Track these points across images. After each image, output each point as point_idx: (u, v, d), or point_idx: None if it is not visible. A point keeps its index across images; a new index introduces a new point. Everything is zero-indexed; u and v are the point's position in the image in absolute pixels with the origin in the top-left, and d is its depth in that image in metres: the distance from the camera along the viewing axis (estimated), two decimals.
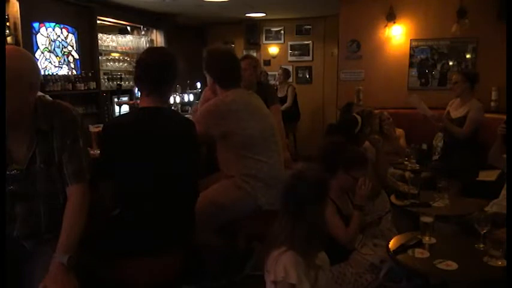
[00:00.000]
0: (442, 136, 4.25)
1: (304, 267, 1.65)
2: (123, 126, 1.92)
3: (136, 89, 2.05)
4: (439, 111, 4.36)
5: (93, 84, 5.30)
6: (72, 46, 5.21)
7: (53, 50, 4.90)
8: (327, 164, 2.32)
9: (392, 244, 2.26)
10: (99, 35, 5.62)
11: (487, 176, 3.69)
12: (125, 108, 4.82)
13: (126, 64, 6.24)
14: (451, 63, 5.34)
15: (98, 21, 5.54)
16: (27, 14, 4.41)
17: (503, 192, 2.87)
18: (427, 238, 2.27)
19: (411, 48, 5.48)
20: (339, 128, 3.43)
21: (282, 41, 7.98)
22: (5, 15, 4.19)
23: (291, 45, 7.92)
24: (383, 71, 5.61)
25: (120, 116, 2.10)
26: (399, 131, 4.67)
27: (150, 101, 1.93)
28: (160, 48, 2.41)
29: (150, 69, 1.91)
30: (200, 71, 2.55)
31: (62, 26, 5.03)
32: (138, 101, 2.18)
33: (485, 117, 4.27)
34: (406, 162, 4.00)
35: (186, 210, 1.98)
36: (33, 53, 4.52)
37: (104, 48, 5.86)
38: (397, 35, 5.48)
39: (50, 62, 4.88)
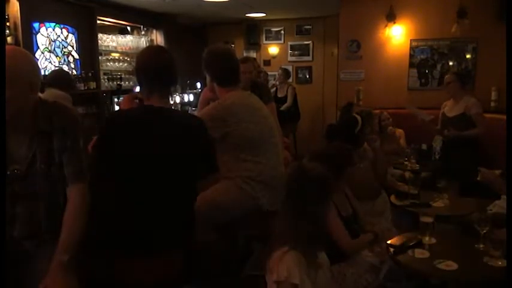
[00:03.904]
0: (440, 138, 4.27)
1: (305, 266, 1.66)
2: (126, 118, 1.93)
3: (138, 88, 2.05)
4: (438, 112, 4.38)
5: (93, 84, 5.29)
6: (72, 46, 5.21)
7: (53, 50, 4.89)
8: (334, 165, 2.30)
9: (392, 244, 2.26)
10: (99, 35, 5.61)
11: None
12: None
13: (126, 64, 6.24)
14: (451, 63, 5.34)
15: (98, 21, 5.53)
16: (27, 14, 4.41)
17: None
18: (427, 238, 2.27)
19: (411, 48, 5.49)
20: (339, 128, 3.43)
21: (282, 41, 7.98)
22: (5, 15, 4.19)
23: (291, 45, 7.91)
24: (383, 71, 5.61)
25: (125, 109, 2.11)
26: (399, 131, 4.67)
27: (152, 102, 1.94)
28: (158, 47, 2.41)
29: (150, 70, 1.93)
30: (200, 71, 2.55)
31: (62, 26, 5.03)
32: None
33: (486, 117, 4.30)
34: (406, 162, 4.01)
35: (186, 210, 1.98)
36: (33, 53, 4.51)
37: (104, 48, 5.85)
38: (397, 35, 5.49)
39: (50, 62, 4.87)
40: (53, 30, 4.91)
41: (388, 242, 2.31)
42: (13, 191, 1.67)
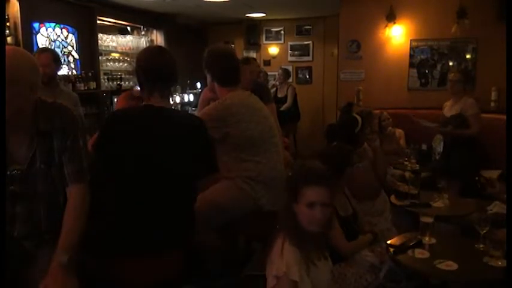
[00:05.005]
0: (441, 138, 4.27)
1: (304, 263, 1.67)
2: (126, 117, 1.93)
3: (139, 88, 2.05)
4: (438, 112, 4.38)
5: (93, 84, 5.30)
6: (72, 46, 5.21)
7: None
8: (334, 165, 2.32)
9: (392, 244, 2.26)
10: (99, 35, 5.62)
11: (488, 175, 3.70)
12: None
13: (126, 64, 6.24)
14: (451, 63, 5.34)
15: (98, 21, 5.54)
16: (27, 14, 4.41)
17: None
18: (427, 238, 2.27)
19: (411, 48, 5.48)
20: (339, 128, 3.43)
21: (282, 41, 7.99)
22: (5, 15, 4.19)
23: (291, 46, 7.92)
24: (383, 71, 5.61)
25: (125, 109, 2.10)
26: (399, 132, 4.67)
27: (153, 101, 1.94)
28: (158, 47, 2.42)
29: (150, 70, 1.93)
30: (200, 71, 2.55)
31: (62, 26, 5.03)
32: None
33: (485, 117, 4.30)
34: (406, 163, 4.01)
35: (186, 210, 1.98)
36: (33, 53, 4.51)
37: (104, 48, 5.86)
38: (397, 35, 5.49)
39: None
40: (53, 30, 4.91)
41: (388, 242, 2.31)
42: (13, 191, 1.67)
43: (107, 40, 5.90)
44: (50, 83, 3.39)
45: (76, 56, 5.28)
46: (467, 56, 5.25)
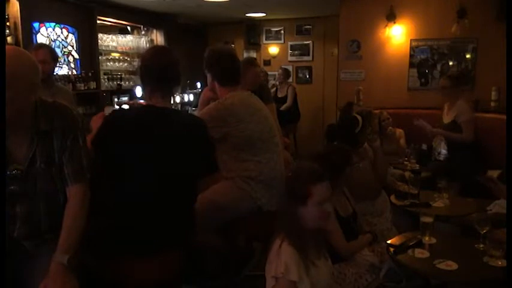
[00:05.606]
0: (441, 138, 4.26)
1: (303, 264, 1.67)
2: (125, 119, 1.93)
3: (140, 88, 2.06)
4: (438, 112, 4.38)
5: (93, 84, 5.30)
6: (72, 46, 5.21)
7: None
8: (332, 165, 2.32)
9: (392, 244, 2.26)
10: (99, 35, 5.62)
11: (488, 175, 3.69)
12: None
13: (126, 64, 6.25)
14: (451, 63, 5.34)
15: (98, 21, 5.55)
16: (27, 14, 4.42)
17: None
18: (427, 238, 2.27)
19: (411, 48, 5.48)
20: (339, 128, 3.43)
21: (282, 41, 7.99)
22: (5, 15, 4.19)
23: (291, 45, 7.92)
24: (383, 71, 5.61)
25: (125, 109, 2.10)
26: (399, 131, 4.67)
27: (154, 101, 1.94)
28: (162, 47, 2.43)
29: (154, 70, 1.94)
30: (200, 71, 2.56)
31: (62, 26, 5.04)
32: (138, 101, 2.19)
33: (485, 117, 4.29)
34: (406, 162, 4.01)
35: (186, 210, 1.98)
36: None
37: (104, 48, 5.86)
38: (397, 35, 5.49)
39: None
40: (53, 30, 4.91)
41: (388, 242, 2.31)
42: (13, 191, 1.67)
43: (107, 40, 5.90)
44: (47, 80, 3.36)
45: (76, 56, 5.28)
46: (467, 56, 5.25)
